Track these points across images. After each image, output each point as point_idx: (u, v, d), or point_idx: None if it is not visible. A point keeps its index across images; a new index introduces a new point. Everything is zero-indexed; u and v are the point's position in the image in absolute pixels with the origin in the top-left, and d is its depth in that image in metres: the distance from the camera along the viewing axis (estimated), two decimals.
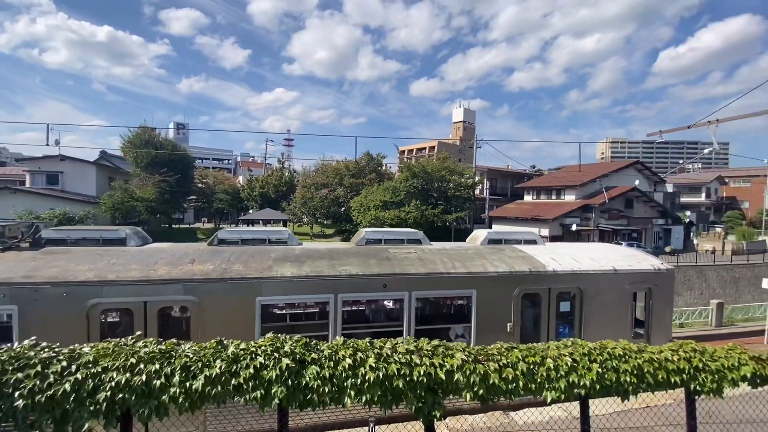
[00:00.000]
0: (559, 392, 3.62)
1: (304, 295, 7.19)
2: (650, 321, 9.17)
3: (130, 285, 6.37)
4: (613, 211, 35.79)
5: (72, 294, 6.14)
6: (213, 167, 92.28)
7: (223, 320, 6.65)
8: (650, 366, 3.87)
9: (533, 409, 6.49)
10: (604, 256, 9.54)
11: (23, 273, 6.16)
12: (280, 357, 3.23)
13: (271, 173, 54.41)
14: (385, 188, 33.12)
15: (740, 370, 4.19)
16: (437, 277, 7.73)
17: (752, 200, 62.34)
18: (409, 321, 7.49)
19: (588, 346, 3.95)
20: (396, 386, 3.26)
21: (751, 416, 5.53)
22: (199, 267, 6.86)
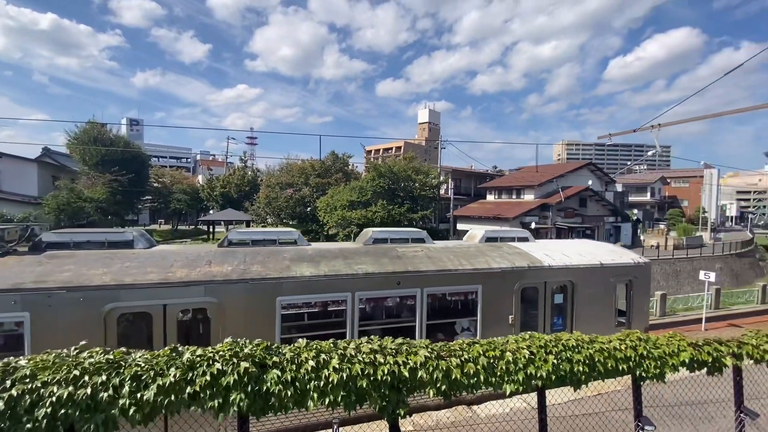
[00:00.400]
0: (517, 384, 3.75)
1: (322, 294, 7.31)
2: (631, 310, 9.89)
3: (150, 288, 6.25)
4: (569, 210, 37.70)
5: (89, 299, 5.97)
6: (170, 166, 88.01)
7: (243, 321, 6.65)
8: (600, 355, 4.10)
9: (495, 402, 6.70)
10: (590, 251, 10.23)
11: (33, 278, 5.90)
12: (239, 362, 3.12)
13: (232, 172, 52.57)
14: (351, 188, 32.96)
15: (680, 356, 4.53)
16: (447, 273, 8.07)
17: (690, 199, 67.94)
18: (421, 316, 7.84)
19: (544, 338, 4.13)
20: (360, 386, 3.25)
21: (690, 398, 6.00)
22: (217, 268, 6.84)
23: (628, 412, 4.94)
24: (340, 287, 7.29)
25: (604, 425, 5.74)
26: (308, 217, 39.03)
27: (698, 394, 5.80)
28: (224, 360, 3.15)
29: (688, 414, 6.28)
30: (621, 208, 46.40)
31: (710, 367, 4.71)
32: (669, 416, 6.36)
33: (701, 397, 5.82)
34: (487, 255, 8.98)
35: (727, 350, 4.85)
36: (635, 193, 59.24)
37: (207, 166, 74.20)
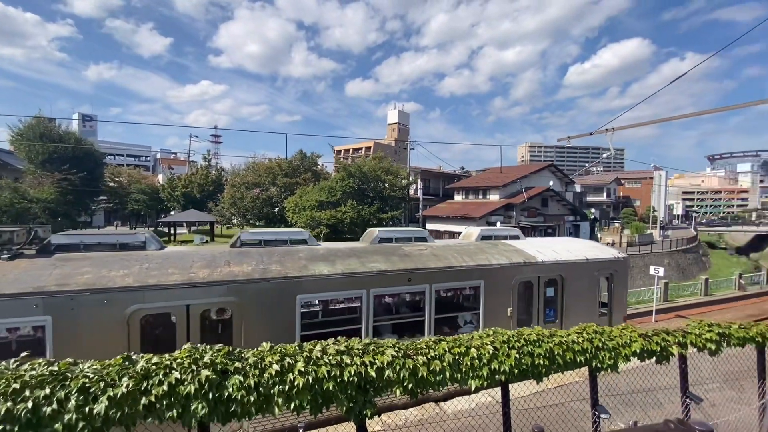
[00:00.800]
0: (482, 380, 3.84)
1: (339, 292, 7.54)
2: (612, 301, 10.74)
3: (173, 289, 6.26)
4: (532, 209, 39.15)
5: (112, 301, 5.93)
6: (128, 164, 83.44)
7: (265, 319, 6.81)
8: (560, 348, 4.27)
9: (461, 398, 6.84)
10: (576, 248, 11.01)
11: (55, 281, 5.80)
12: (199, 369, 2.99)
13: (195, 171, 50.58)
14: (321, 188, 32.58)
15: (631, 346, 4.80)
16: (453, 270, 8.51)
17: (642, 199, 72.50)
18: (430, 311, 8.24)
19: (507, 333, 4.25)
20: (326, 389, 3.21)
21: (641, 386, 6.39)
22: (238, 268, 6.92)
23: (586, 401, 5.18)
24: (356, 285, 7.56)
25: (564, 415, 5.99)
26: (276, 217, 38.22)
27: (648, 382, 6.18)
28: (183, 368, 3.01)
29: (640, 401, 6.67)
30: (580, 207, 48.73)
31: (659, 356, 5.03)
32: (622, 404, 6.74)
33: (651, 385, 6.21)
34: (486, 252, 9.50)
35: (673, 340, 5.19)
36: (592, 194, 62.39)
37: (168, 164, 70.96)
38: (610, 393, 6.87)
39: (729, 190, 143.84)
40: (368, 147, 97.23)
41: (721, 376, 7.58)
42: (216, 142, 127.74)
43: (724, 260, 53.77)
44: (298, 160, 42.04)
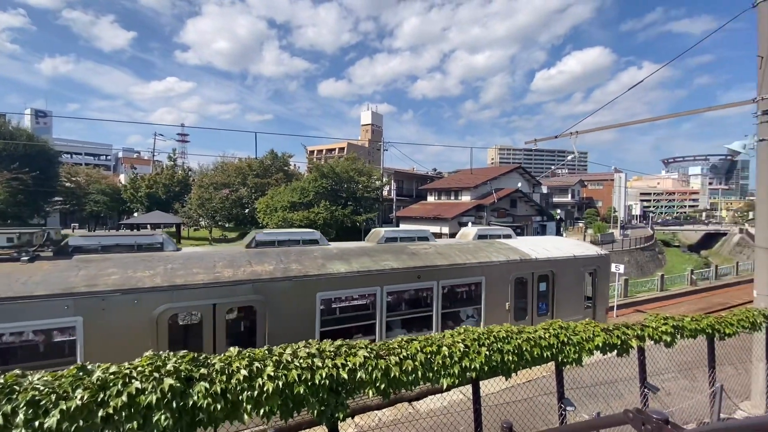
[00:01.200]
0: (453, 378, 3.89)
1: (356, 289, 7.90)
2: (595, 294, 11.60)
3: (200, 288, 6.39)
4: (501, 210, 40.20)
5: (143, 300, 6.00)
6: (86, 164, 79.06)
7: (287, 317, 7.02)
8: (527, 344, 4.39)
9: (434, 397, 6.91)
10: (564, 245, 11.77)
11: (84, 282, 5.83)
12: (161, 377, 2.85)
13: (160, 171, 48.51)
14: (293, 188, 32.07)
15: (594, 340, 5.01)
16: (458, 267, 8.99)
17: (604, 200, 76.00)
18: (437, 306, 8.71)
19: (477, 331, 4.33)
20: (297, 393, 3.14)
21: (603, 378, 6.67)
22: (260, 268, 7.10)
23: (553, 395, 5.36)
24: (370, 282, 7.90)
25: (533, 410, 6.17)
26: (246, 219, 37.29)
27: (610, 374, 6.47)
28: (144, 377, 2.86)
29: (602, 392, 6.97)
30: (546, 208, 50.52)
31: (619, 349, 5.27)
32: (587, 396, 7.02)
33: (613, 377, 6.50)
34: (485, 250, 10.04)
35: (632, 333, 5.46)
36: (558, 195, 64.85)
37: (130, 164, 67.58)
38: (576, 386, 7.14)
39: (681, 192, 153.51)
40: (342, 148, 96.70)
41: (675, 367, 8.05)
42: (183, 141, 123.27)
43: (677, 257, 57.31)
44: (270, 160, 41.21)
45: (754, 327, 7.12)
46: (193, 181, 46.63)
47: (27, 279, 5.73)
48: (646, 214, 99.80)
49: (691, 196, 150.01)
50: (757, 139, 8.04)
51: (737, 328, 6.76)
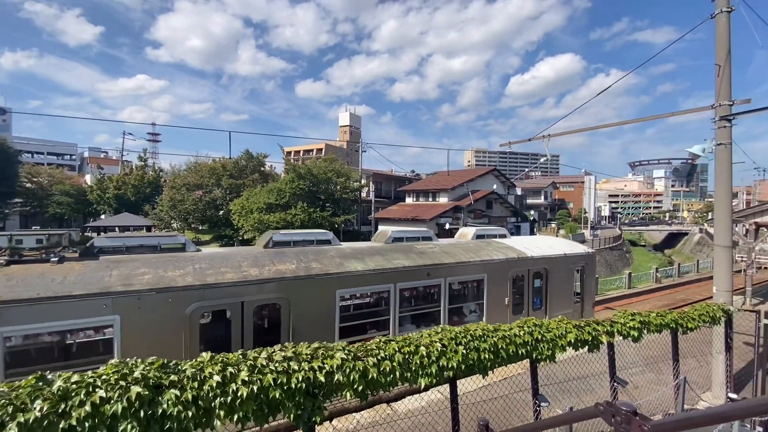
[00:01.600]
0: (431, 377, 3.90)
1: (372, 286, 8.29)
2: (583, 289, 12.42)
3: (230, 286, 6.63)
4: (477, 211, 40.88)
5: (176, 299, 6.20)
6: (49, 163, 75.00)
7: (309, 313, 7.36)
8: (503, 342, 4.47)
9: (413, 397, 6.93)
10: (555, 244, 12.50)
11: (120, 281, 6.00)
12: (128, 385, 2.72)
13: (129, 172, 46.68)
14: (269, 190, 31.47)
15: (567, 337, 5.15)
16: (463, 265, 9.54)
17: (575, 201, 78.63)
18: (444, 302, 9.19)
19: (454, 330, 4.36)
20: (272, 397, 3.07)
21: (575, 374, 6.88)
22: (283, 266, 7.40)
23: (528, 392, 5.47)
24: (385, 279, 8.31)
25: (509, 406, 6.28)
26: (221, 221, 36.35)
27: (582, 370, 6.67)
28: (109, 385, 2.72)
29: (575, 388, 7.18)
30: (521, 209, 51.72)
31: (590, 345, 5.45)
32: (560, 391, 7.21)
33: (584, 372, 6.71)
34: (486, 249, 10.60)
35: (602, 329, 5.65)
36: (532, 196, 66.55)
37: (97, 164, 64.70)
38: (550, 382, 7.32)
39: (647, 194, 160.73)
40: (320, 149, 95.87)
41: (643, 361, 8.39)
42: (154, 141, 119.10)
43: (644, 256, 59.93)
44: (245, 160, 40.34)
45: (714, 321, 7.52)
46: (165, 182, 45.06)
47: (63, 279, 5.83)
48: (615, 214, 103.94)
49: (655, 197, 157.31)
50: (715, 143, 8.51)
51: (699, 323, 7.11)
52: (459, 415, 4.45)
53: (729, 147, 8.36)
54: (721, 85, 8.28)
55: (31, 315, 5.32)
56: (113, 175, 47.06)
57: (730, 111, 8.25)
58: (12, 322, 5.23)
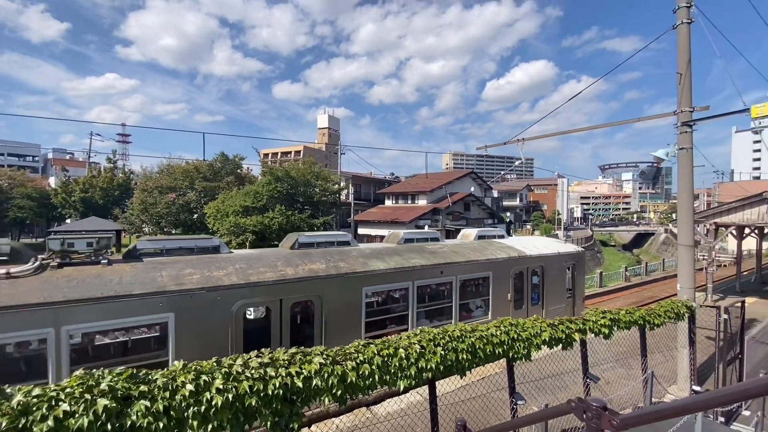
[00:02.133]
0: (410, 379, 3.91)
1: (394, 284, 8.89)
2: (574, 286, 13.36)
3: (270, 285, 7.09)
4: (456, 213, 41.44)
5: (224, 297, 6.59)
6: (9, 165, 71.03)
7: (339, 309, 7.91)
8: (480, 342, 4.53)
9: (392, 400, 6.92)
10: (549, 244, 13.51)
11: (173, 281, 6.36)
12: (94, 398, 2.60)
13: (97, 174, 44.79)
14: (245, 192, 30.83)
15: (541, 335, 5.28)
16: (471, 263, 10.27)
17: (548, 203, 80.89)
18: (456, 298, 9.89)
19: (433, 332, 4.39)
20: (249, 405, 3.00)
21: (551, 371, 7.05)
22: (315, 266, 7.91)
23: (505, 391, 5.57)
24: (405, 277, 8.95)
25: (487, 406, 6.38)
26: (195, 224, 35.33)
27: (557, 367, 6.85)
28: (74, 399, 2.59)
29: (550, 385, 7.36)
30: (497, 211, 52.77)
31: (564, 343, 5.60)
32: (536, 389, 7.37)
33: (559, 369, 6.89)
34: (489, 249, 11.34)
35: (575, 327, 5.82)
36: (508, 198, 68.04)
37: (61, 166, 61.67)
38: (526, 380, 7.48)
39: (616, 196, 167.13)
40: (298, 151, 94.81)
41: (613, 357, 8.70)
42: (124, 142, 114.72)
43: (614, 256, 62.24)
44: (220, 162, 39.41)
45: (678, 317, 7.89)
46: (136, 185, 43.44)
47: (119, 279, 6.14)
48: (586, 216, 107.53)
49: (624, 199, 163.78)
50: (677, 148, 8.95)
51: (664, 319, 7.44)
52: (438, 416, 4.48)
53: (690, 151, 8.82)
54: (682, 92, 8.72)
55: (95, 313, 5.68)
56: (80, 177, 44.99)
57: (690, 117, 8.71)
58: (77, 321, 5.58)
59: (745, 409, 8.11)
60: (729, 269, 32.99)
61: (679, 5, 8.61)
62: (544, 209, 76.25)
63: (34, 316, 5.33)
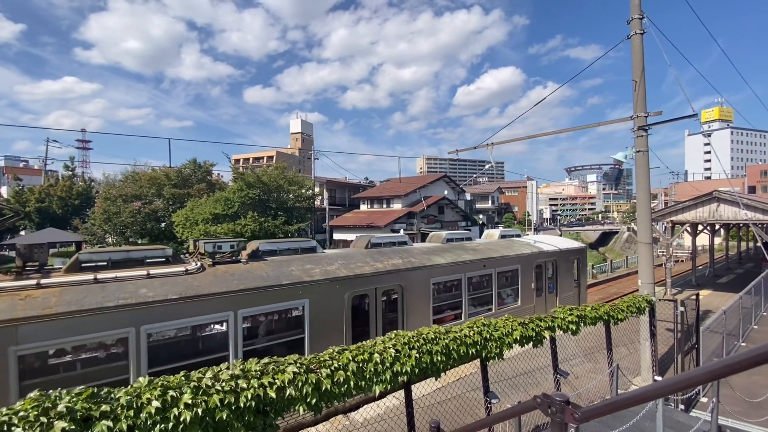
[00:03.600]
0: (385, 383, 3.92)
1: (451, 275, 10.60)
2: (579, 276, 15.45)
3: (369, 276, 8.78)
4: (430, 217, 41.93)
5: (341, 286, 8.22)
6: None
7: (416, 297, 9.67)
8: (454, 343, 4.60)
9: (369, 406, 6.88)
10: (559, 241, 15.90)
11: (305, 274, 7.94)
12: (51, 421, 2.46)
13: (54, 182, 42.42)
14: (216, 199, 29.96)
15: (513, 334, 5.43)
16: (505, 258, 12.15)
17: (519, 205, 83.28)
18: (495, 287, 11.87)
19: (407, 335, 4.43)
20: (219, 419, 2.92)
21: (523, 369, 7.24)
22: (395, 261, 9.63)
23: (480, 390, 5.67)
24: (459, 270, 10.77)
25: (462, 406, 6.46)
26: (163, 233, 34.01)
27: (529, 365, 7.04)
28: (27, 423, 2.44)
29: (523, 382, 7.55)
30: (470, 213, 53.79)
31: (534, 340, 5.78)
32: (509, 387, 7.55)
33: (531, 367, 7.09)
34: (514, 245, 13.35)
35: (545, 325, 6.02)
36: (480, 201, 69.52)
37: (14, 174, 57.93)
38: (500, 379, 7.64)
39: (582, 197, 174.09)
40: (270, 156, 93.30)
41: (582, 352, 9.03)
42: (84, 148, 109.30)
43: None
44: (190, 169, 38.17)
45: (640, 311, 8.30)
46: (98, 193, 41.39)
47: (267, 274, 7.61)
48: (555, 216, 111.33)
49: (589, 200, 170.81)
50: (635, 150, 9.46)
51: (627, 314, 7.81)
52: (414, 419, 4.51)
53: (646, 153, 9.34)
54: (637, 98, 9.24)
55: (259, 300, 7.26)
56: (35, 186, 42.41)
57: (645, 122, 9.23)
58: (247, 306, 7.14)
59: (703, 395, 8.62)
60: (686, 264, 35.02)
61: (632, 17, 9.14)
62: (515, 211, 78.40)
63: (221, 302, 6.78)
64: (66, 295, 5.80)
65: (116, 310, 5.88)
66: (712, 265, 27.63)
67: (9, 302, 5.42)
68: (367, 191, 49.83)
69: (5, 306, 5.35)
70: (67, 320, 5.53)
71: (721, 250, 33.58)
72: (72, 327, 5.57)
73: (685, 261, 38.01)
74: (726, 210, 18.54)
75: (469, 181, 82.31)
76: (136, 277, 6.55)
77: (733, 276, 26.51)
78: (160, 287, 6.42)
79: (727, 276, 26.58)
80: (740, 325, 12.32)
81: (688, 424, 6.57)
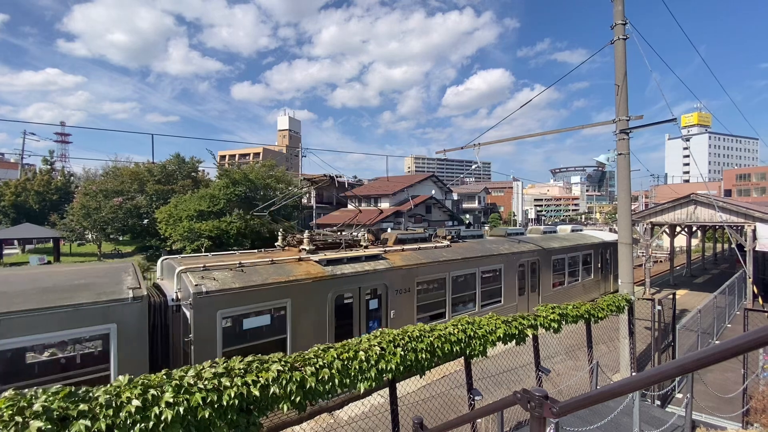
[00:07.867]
0: (370, 381, 3.94)
1: (495, 265, 12.41)
2: (611, 265, 18.50)
3: (443, 263, 10.83)
4: (418, 216, 42.14)
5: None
6: None
7: (545, 269, 14.34)
8: (439, 341, 4.65)
9: (355, 403, 6.91)
10: (604, 234, 19.52)
11: (499, 249, 12.83)
12: (26, 420, 2.40)
13: (32, 176, 41.10)
14: (201, 196, 29.45)
15: (496, 332, 5.51)
16: (534, 250, 14.18)
17: (505, 205, 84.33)
18: (580, 269, 16.52)
19: (393, 333, 4.45)
20: (202, 417, 2.89)
21: (507, 366, 7.36)
22: (502, 247, 13.02)
23: (464, 388, 5.74)
24: (497, 261, 12.54)
25: (447, 403, 6.53)
26: (145, 230, 33.31)
27: (512, 362, 7.16)
28: (1, 422, 2.38)
29: (506, 379, 7.67)
30: (457, 213, 54.23)
31: (518, 338, 5.87)
32: (493, 384, 7.66)
33: (514, 364, 7.21)
34: (586, 236, 17.46)
35: (527, 323, 6.12)
36: (467, 201, 70.14)
37: None
38: (484, 376, 7.75)
39: (566, 198, 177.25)
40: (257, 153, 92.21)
41: (564, 350, 9.21)
42: (63, 142, 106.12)
43: None
44: (175, 165, 37.44)
45: (619, 310, 8.51)
46: (77, 188, 40.28)
47: (479, 248, 12.48)
48: (540, 217, 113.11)
49: (573, 201, 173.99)
50: (617, 153, 9.68)
51: (607, 312, 8.00)
52: (399, 416, 4.54)
53: (628, 156, 9.57)
54: (619, 103, 9.46)
55: (489, 261, 12.30)
56: (11, 180, 41.03)
57: (627, 126, 9.46)
58: (485, 265, 12.12)
59: (678, 391, 8.90)
60: (664, 264, 36.00)
61: (616, 22, 9.35)
62: (501, 211, 79.33)
63: (474, 261, 11.62)
64: (403, 257, 10.30)
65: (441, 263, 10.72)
66: (689, 266, 28.49)
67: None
68: (355, 190, 49.71)
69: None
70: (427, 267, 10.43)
71: (698, 251, 34.62)
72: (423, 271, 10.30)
73: (663, 261, 39.07)
74: (703, 212, 19.14)
75: (456, 181, 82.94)
76: (436, 248, 11.41)
77: (708, 276, 27.40)
78: (452, 252, 11.37)
79: (703, 276, 27.46)
80: (714, 323, 12.76)
81: (664, 419, 6.78)
